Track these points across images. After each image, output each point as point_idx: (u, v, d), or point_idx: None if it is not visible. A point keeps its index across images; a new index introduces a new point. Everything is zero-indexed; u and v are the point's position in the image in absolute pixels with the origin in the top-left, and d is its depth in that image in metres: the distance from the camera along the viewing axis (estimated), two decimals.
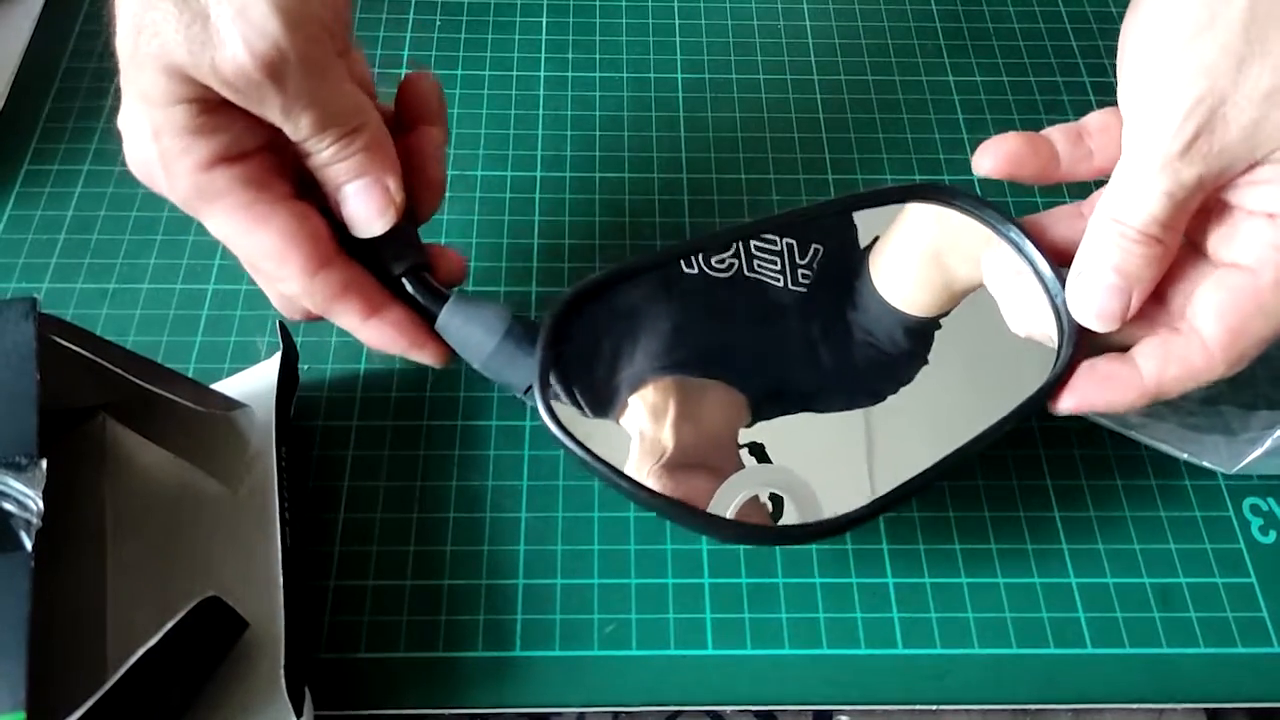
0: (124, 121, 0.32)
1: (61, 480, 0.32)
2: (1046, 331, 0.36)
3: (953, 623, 0.39)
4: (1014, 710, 0.38)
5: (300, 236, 0.33)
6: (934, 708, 0.37)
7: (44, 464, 0.31)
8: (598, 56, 0.55)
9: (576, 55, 0.55)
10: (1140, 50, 0.33)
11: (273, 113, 0.31)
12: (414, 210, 0.36)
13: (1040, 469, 0.42)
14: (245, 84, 0.29)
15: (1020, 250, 0.37)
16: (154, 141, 0.31)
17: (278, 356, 0.40)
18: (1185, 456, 0.41)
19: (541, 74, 0.54)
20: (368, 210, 0.34)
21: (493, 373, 0.36)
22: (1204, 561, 0.40)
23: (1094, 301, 0.33)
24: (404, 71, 0.54)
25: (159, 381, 0.37)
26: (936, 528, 0.41)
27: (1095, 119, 0.36)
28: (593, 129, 0.52)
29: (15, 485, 0.31)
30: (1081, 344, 0.35)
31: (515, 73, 0.54)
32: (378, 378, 0.44)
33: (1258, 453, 0.40)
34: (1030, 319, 0.36)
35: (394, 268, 0.35)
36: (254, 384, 0.40)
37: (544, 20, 0.56)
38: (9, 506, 0.31)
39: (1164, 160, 0.31)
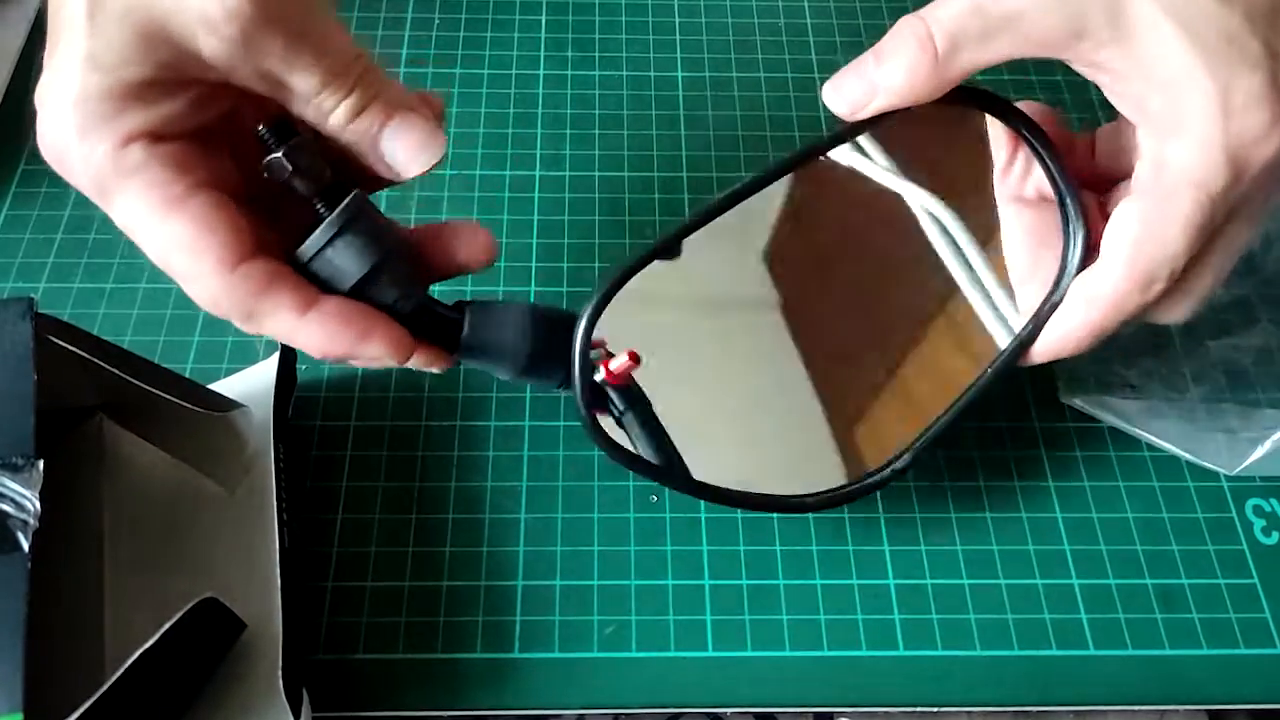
0: (44, 91, 0.28)
1: (59, 481, 0.32)
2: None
3: (954, 624, 0.38)
4: (1015, 712, 0.37)
5: (218, 224, 0.29)
6: (935, 709, 0.37)
7: (41, 465, 0.31)
8: (597, 55, 0.55)
9: (576, 54, 0.55)
10: None
11: (272, 60, 0.27)
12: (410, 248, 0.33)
13: (1042, 470, 0.42)
14: (239, 30, 0.26)
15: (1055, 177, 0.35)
16: (75, 110, 0.27)
17: (276, 356, 0.40)
18: (1187, 456, 0.41)
19: (541, 73, 0.54)
20: (415, 142, 0.30)
21: (529, 378, 0.34)
22: (1206, 563, 0.40)
23: (1071, 345, 0.34)
24: (402, 71, 0.54)
25: (156, 382, 0.36)
26: (938, 528, 0.40)
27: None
28: (592, 128, 0.52)
29: (12, 486, 0.31)
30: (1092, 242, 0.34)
31: (514, 71, 0.54)
32: (376, 378, 0.44)
33: (1259, 453, 0.40)
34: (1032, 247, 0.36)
35: (401, 303, 0.31)
36: (252, 384, 0.40)
37: (543, 19, 0.56)
38: (6, 507, 0.31)
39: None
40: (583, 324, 0.33)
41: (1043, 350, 0.35)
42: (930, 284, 0.37)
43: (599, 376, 0.33)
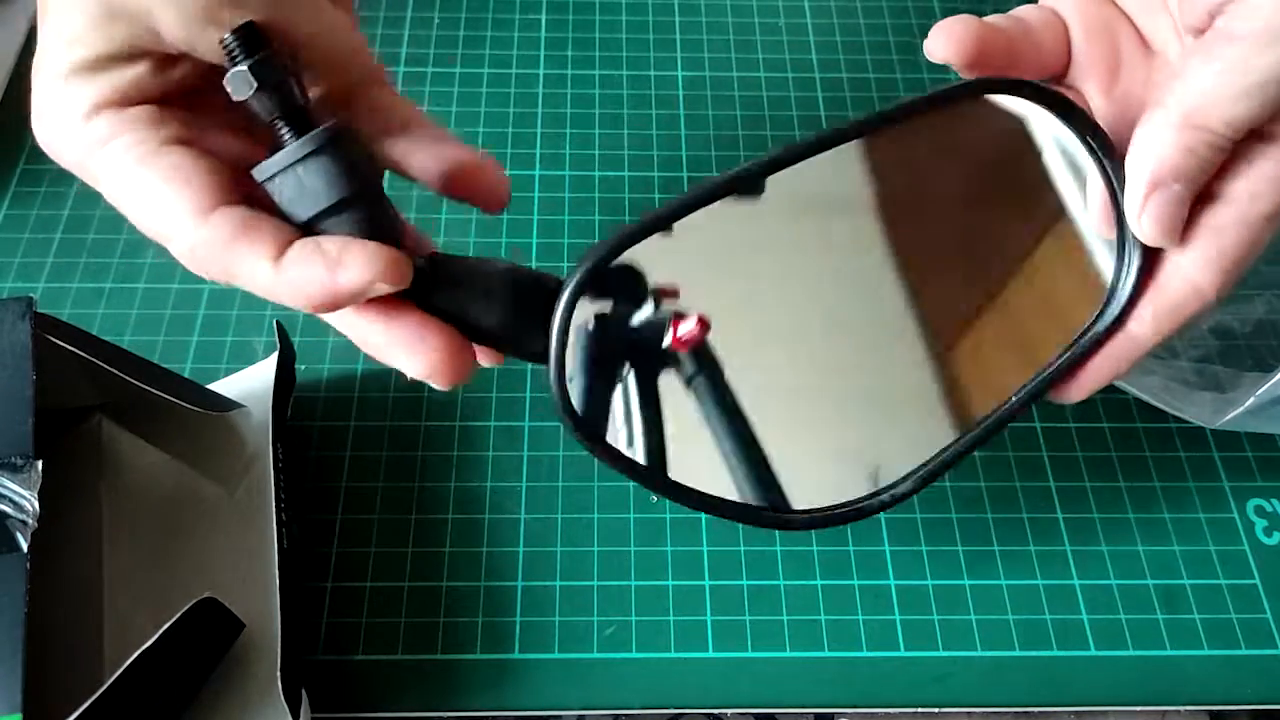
0: (32, 80, 0.28)
1: (58, 481, 0.32)
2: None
3: (955, 625, 0.38)
4: (1016, 712, 0.37)
5: (191, 174, 0.27)
6: (936, 710, 0.37)
7: (40, 465, 0.31)
8: (597, 54, 0.55)
9: (575, 53, 0.55)
10: None
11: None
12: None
13: (1043, 471, 0.42)
14: (197, 6, 0.26)
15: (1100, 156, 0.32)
16: (47, 89, 0.27)
17: (275, 357, 0.40)
18: (1172, 410, 0.41)
19: (541, 72, 0.54)
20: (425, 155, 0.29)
21: (500, 347, 0.30)
22: (1208, 563, 0.40)
23: (1171, 220, 0.29)
24: (402, 71, 0.54)
25: (155, 382, 0.36)
26: (939, 529, 0.40)
27: (1033, 14, 0.33)
28: (592, 127, 0.52)
29: (11, 486, 0.31)
30: (1149, 267, 0.31)
31: (514, 70, 0.54)
32: (375, 378, 0.44)
33: (1242, 409, 0.39)
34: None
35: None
36: (251, 384, 0.40)
37: (543, 18, 0.56)
38: (5, 507, 0.31)
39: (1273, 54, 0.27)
40: (564, 299, 0.28)
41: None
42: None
43: (665, 341, 0.30)
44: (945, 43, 0.32)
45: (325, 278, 0.26)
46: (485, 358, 0.31)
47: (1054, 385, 0.32)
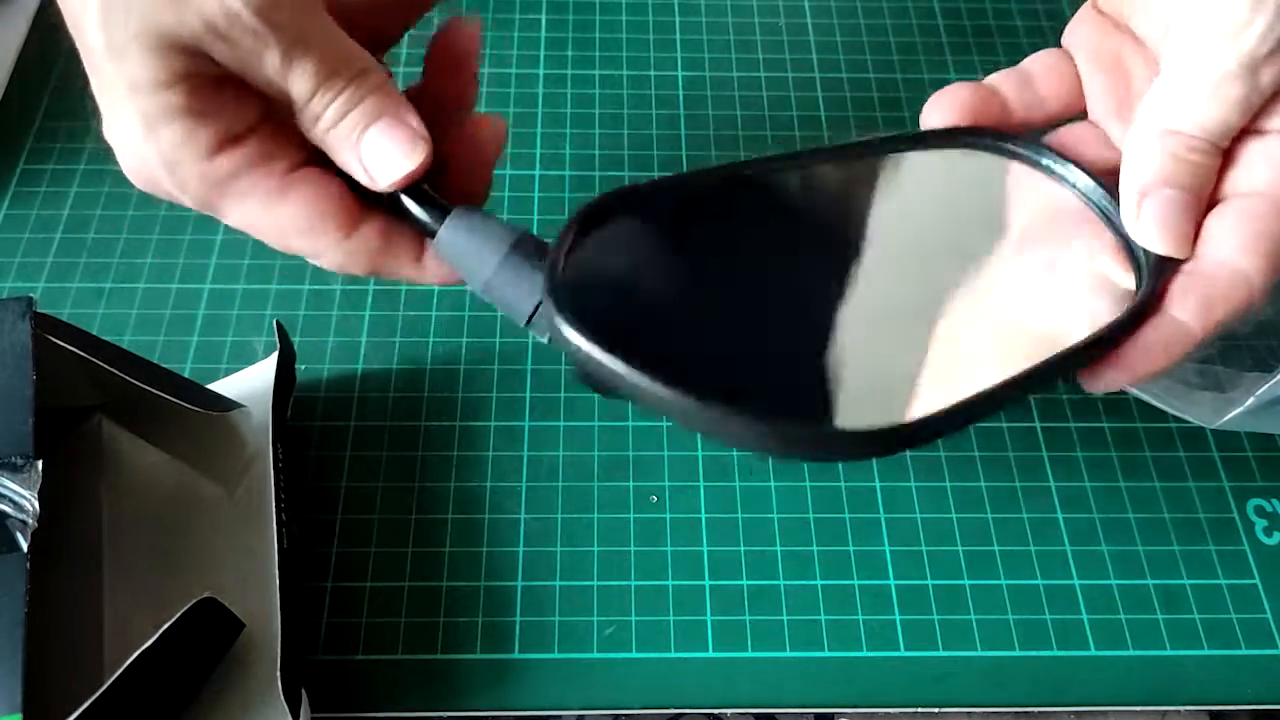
0: (111, 130, 0.29)
1: (58, 481, 0.32)
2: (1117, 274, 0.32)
3: (955, 625, 0.38)
4: (1016, 713, 0.37)
5: (325, 200, 0.30)
6: (936, 710, 0.37)
7: (40, 465, 0.31)
8: (597, 54, 0.55)
9: (576, 53, 0.55)
10: None
11: (272, 63, 0.28)
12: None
13: (1043, 471, 0.42)
14: (240, 31, 0.27)
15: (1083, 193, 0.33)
16: (149, 140, 0.28)
17: (274, 357, 0.40)
18: (1172, 410, 0.41)
19: (541, 72, 0.54)
20: (395, 149, 0.30)
21: (495, 294, 0.31)
22: (1208, 563, 0.40)
23: (1170, 223, 0.30)
24: (402, 71, 0.53)
25: (155, 382, 0.36)
26: (939, 529, 0.40)
27: (1039, 61, 0.35)
28: (592, 127, 0.52)
29: (11, 486, 0.31)
30: (1164, 276, 0.30)
31: (514, 70, 0.54)
32: (375, 378, 0.44)
33: (1239, 410, 0.39)
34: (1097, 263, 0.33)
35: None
36: (251, 384, 0.40)
37: (543, 18, 0.56)
38: (5, 507, 0.31)
39: (1243, 62, 0.29)
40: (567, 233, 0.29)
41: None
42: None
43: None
44: (939, 113, 0.33)
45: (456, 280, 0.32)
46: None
47: (1092, 367, 0.30)
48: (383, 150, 0.30)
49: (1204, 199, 0.30)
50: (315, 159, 0.31)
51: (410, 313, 0.45)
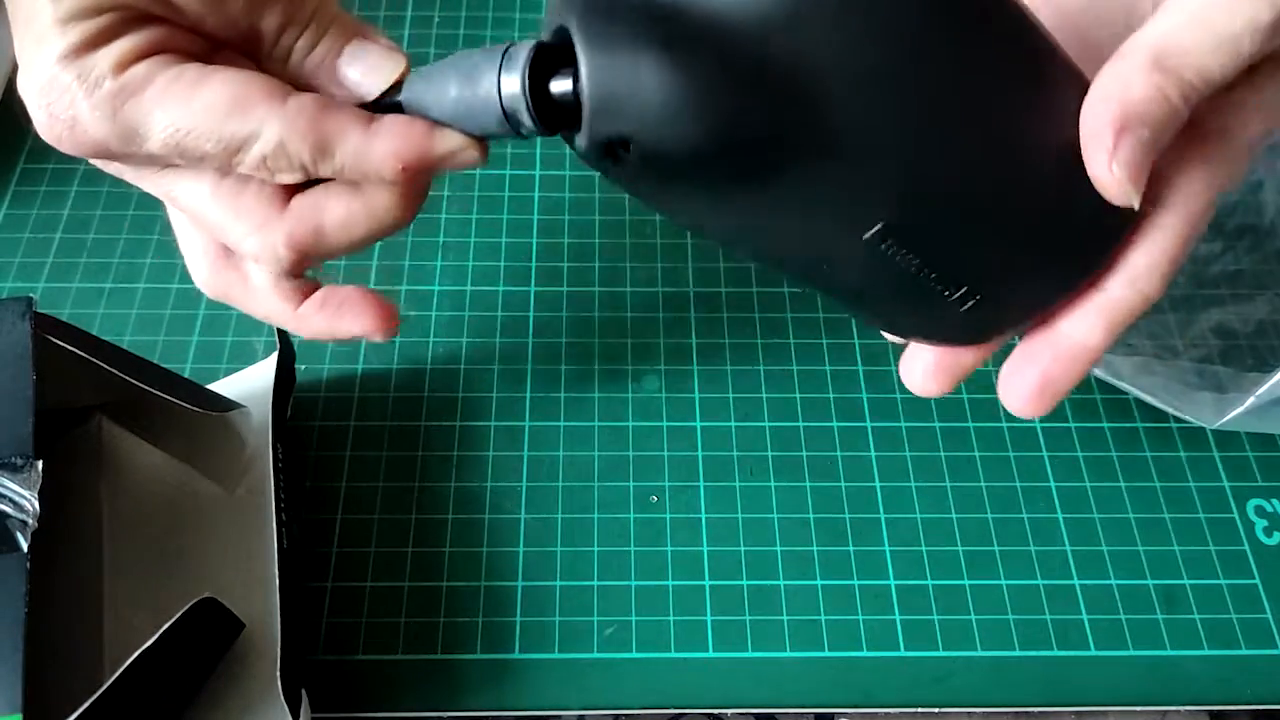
0: (25, 78, 0.27)
1: (58, 481, 0.32)
2: None
3: (955, 625, 0.38)
4: (1016, 713, 0.37)
5: (250, 77, 0.28)
6: (936, 710, 0.37)
7: (40, 465, 0.31)
8: None
9: None
10: None
11: (237, 5, 0.28)
12: None
13: (1044, 471, 0.42)
14: None
15: None
16: (60, 67, 0.27)
17: (274, 357, 0.40)
18: (1173, 411, 0.41)
19: None
20: (377, 57, 0.29)
21: (465, 108, 0.28)
22: (1208, 563, 0.40)
23: (1141, 169, 0.26)
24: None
25: (155, 382, 0.36)
26: (939, 529, 0.40)
27: None
28: None
29: (11, 486, 0.31)
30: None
31: None
32: (375, 378, 0.44)
33: (1239, 410, 0.39)
34: None
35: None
36: (251, 384, 0.40)
37: (543, 18, 0.56)
38: (5, 507, 0.31)
39: (1273, 21, 0.25)
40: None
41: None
42: None
43: None
44: None
45: (423, 138, 0.29)
46: None
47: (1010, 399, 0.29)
48: (366, 61, 0.30)
49: (1162, 146, 0.27)
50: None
51: (410, 313, 0.45)
